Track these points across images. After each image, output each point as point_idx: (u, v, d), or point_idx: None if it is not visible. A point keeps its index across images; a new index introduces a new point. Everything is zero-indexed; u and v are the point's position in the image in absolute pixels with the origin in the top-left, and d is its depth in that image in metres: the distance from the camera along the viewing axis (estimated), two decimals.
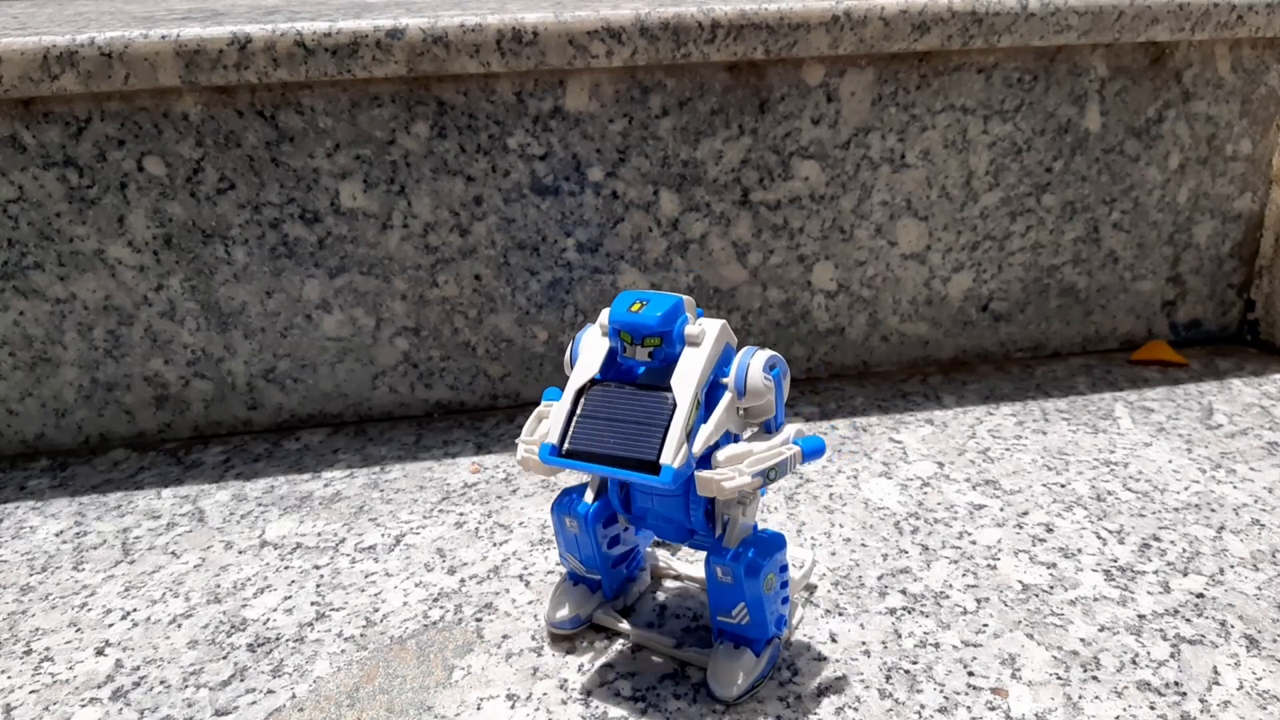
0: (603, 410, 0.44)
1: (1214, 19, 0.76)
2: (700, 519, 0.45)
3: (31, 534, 0.64)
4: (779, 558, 0.45)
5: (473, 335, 0.76)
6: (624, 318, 0.43)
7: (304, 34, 0.65)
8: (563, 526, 0.49)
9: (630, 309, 0.43)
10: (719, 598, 0.45)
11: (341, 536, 0.62)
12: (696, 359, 0.43)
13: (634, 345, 0.43)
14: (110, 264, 0.70)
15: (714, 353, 0.43)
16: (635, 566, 0.53)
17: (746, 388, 0.43)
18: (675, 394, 0.42)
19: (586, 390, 0.44)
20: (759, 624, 0.46)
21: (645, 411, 0.42)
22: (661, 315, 0.43)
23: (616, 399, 0.44)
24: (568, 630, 0.51)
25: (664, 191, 0.75)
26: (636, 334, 0.43)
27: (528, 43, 0.67)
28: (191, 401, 0.75)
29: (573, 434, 0.43)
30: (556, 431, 0.44)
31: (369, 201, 0.71)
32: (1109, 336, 0.88)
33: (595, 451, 0.42)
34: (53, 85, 0.64)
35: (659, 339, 0.43)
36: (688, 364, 0.43)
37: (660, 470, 0.41)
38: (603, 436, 0.43)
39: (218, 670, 0.50)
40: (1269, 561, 0.57)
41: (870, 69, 0.74)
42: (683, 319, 0.43)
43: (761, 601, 0.45)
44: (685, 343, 0.43)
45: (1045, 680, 0.48)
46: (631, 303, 0.43)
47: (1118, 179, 0.82)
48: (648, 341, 0.43)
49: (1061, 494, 0.64)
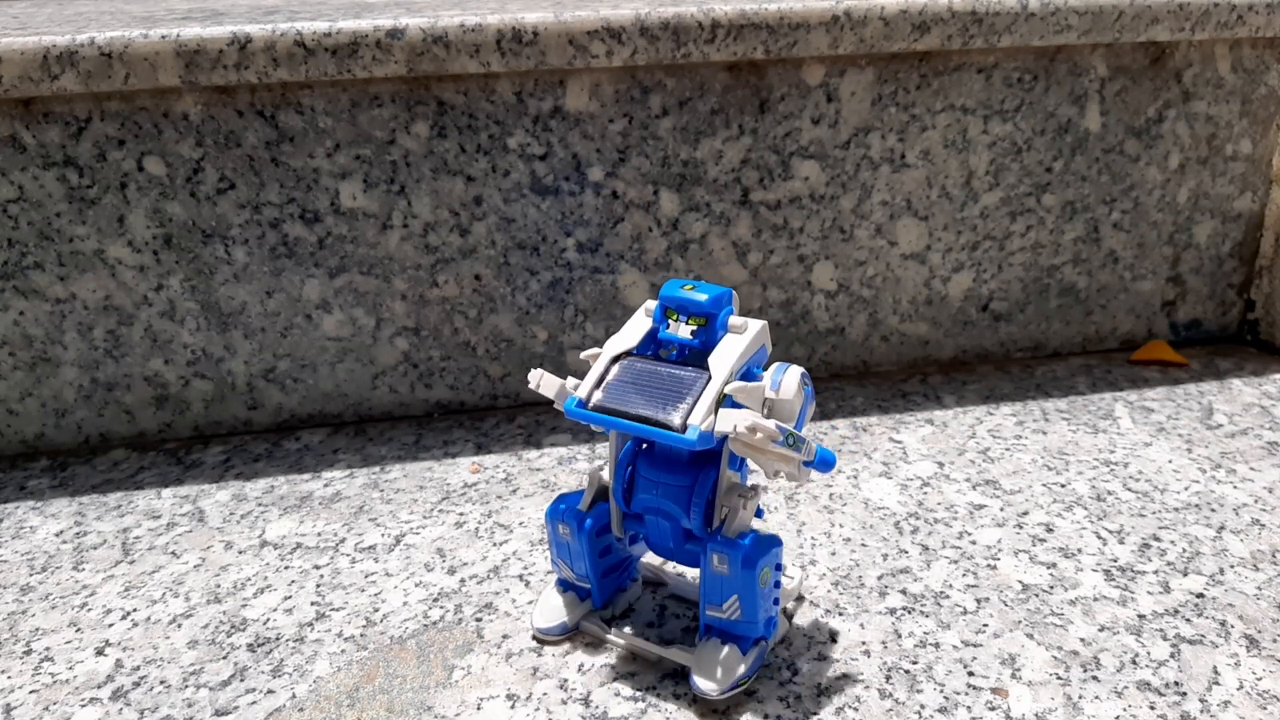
0: (635, 377, 0.44)
1: (1214, 19, 0.76)
2: (699, 515, 0.45)
3: (31, 534, 0.64)
4: (776, 554, 0.45)
5: (473, 335, 0.76)
6: (676, 294, 0.45)
7: (304, 34, 0.65)
8: (556, 533, 0.49)
9: (683, 289, 0.45)
10: (711, 589, 0.45)
11: (341, 536, 0.62)
12: (736, 344, 0.44)
13: (679, 321, 0.44)
14: (110, 264, 0.70)
15: (753, 345, 0.45)
16: (627, 578, 0.53)
17: (783, 384, 0.44)
18: (712, 369, 0.43)
19: (621, 359, 0.45)
20: (750, 620, 0.45)
21: (677, 382, 0.43)
22: (711, 298, 0.44)
23: (650, 369, 0.45)
24: (554, 637, 0.51)
25: (664, 191, 0.75)
26: (685, 310, 0.44)
27: (528, 43, 0.67)
28: (191, 401, 0.75)
29: (602, 392, 0.44)
30: (586, 387, 0.44)
31: (369, 201, 0.71)
32: (1109, 336, 0.88)
33: (623, 409, 0.43)
34: (53, 85, 0.64)
35: (704, 319, 0.44)
36: (728, 346, 0.44)
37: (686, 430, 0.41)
38: (631, 398, 0.43)
39: (218, 670, 0.50)
40: (1269, 561, 0.57)
41: (870, 69, 0.74)
42: (729, 309, 0.45)
43: (755, 595, 0.44)
44: (728, 330, 0.45)
45: (1045, 680, 0.48)
46: (684, 284, 0.45)
47: (1118, 179, 0.82)
48: (693, 320, 0.44)
49: (1061, 494, 0.64)
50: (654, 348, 0.46)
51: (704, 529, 0.46)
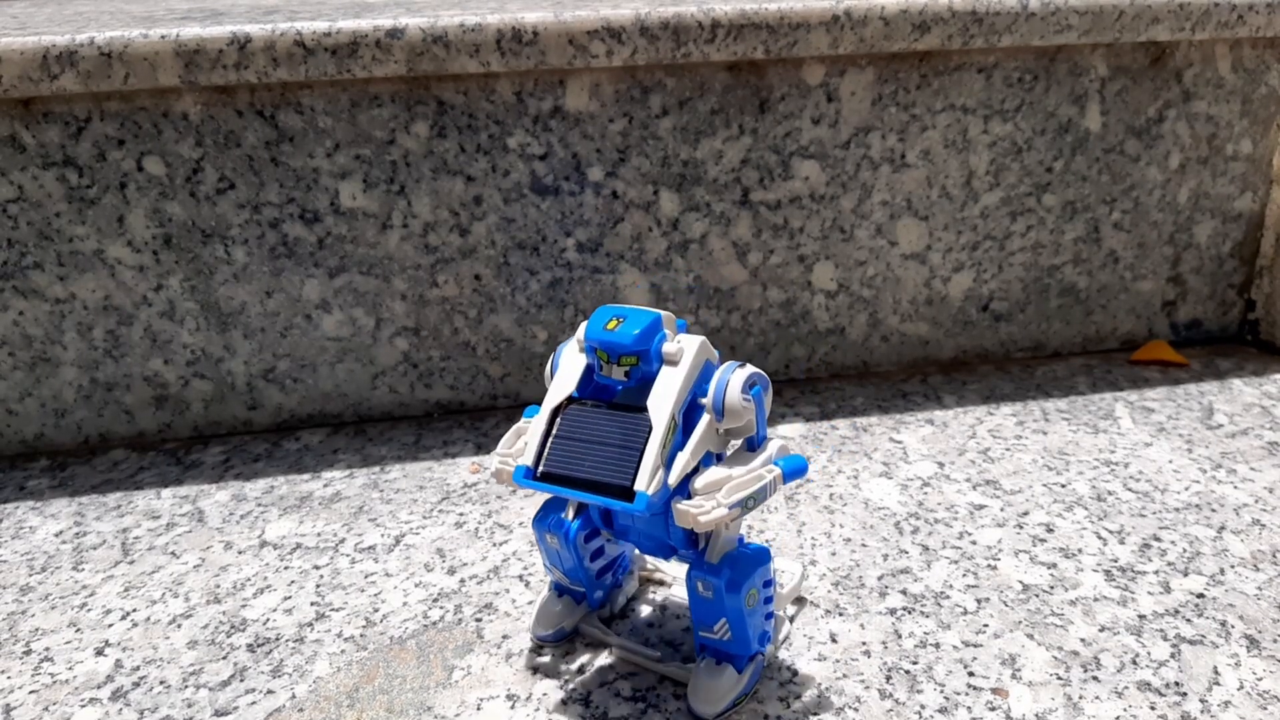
0: (579, 431, 0.42)
1: (1214, 19, 0.76)
2: (681, 537, 0.44)
3: (31, 534, 0.64)
4: (762, 573, 0.44)
5: (473, 335, 0.76)
6: (600, 335, 0.42)
7: (304, 34, 0.65)
8: (545, 541, 0.48)
9: (606, 326, 0.42)
10: (700, 612, 0.44)
11: (341, 537, 0.62)
12: (674, 379, 0.41)
13: (610, 364, 0.42)
14: (110, 264, 0.70)
15: (692, 371, 0.42)
16: (622, 571, 0.53)
17: (725, 408, 0.41)
18: (651, 416, 0.41)
19: (563, 409, 0.43)
20: (741, 640, 0.45)
21: (622, 433, 0.41)
22: (638, 334, 0.41)
23: (593, 419, 0.42)
24: (552, 643, 0.50)
25: (664, 191, 0.74)
26: (612, 352, 0.42)
27: (528, 42, 0.67)
28: (191, 401, 0.75)
29: (548, 456, 0.42)
30: (531, 452, 0.42)
31: (369, 201, 0.71)
32: (1109, 336, 0.88)
33: (570, 475, 0.41)
34: (52, 85, 0.64)
35: (635, 357, 0.41)
36: (664, 384, 0.41)
37: (634, 497, 0.39)
38: (578, 459, 0.41)
39: (217, 670, 0.50)
40: (1269, 561, 0.57)
41: (870, 69, 0.74)
42: (660, 336, 0.42)
43: (743, 617, 0.44)
44: (663, 361, 0.42)
45: (1045, 680, 0.47)
46: (608, 319, 0.42)
47: (1118, 179, 0.82)
48: (624, 360, 0.41)
49: (1062, 494, 0.64)
50: (593, 387, 0.44)
51: (688, 543, 0.45)
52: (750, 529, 0.61)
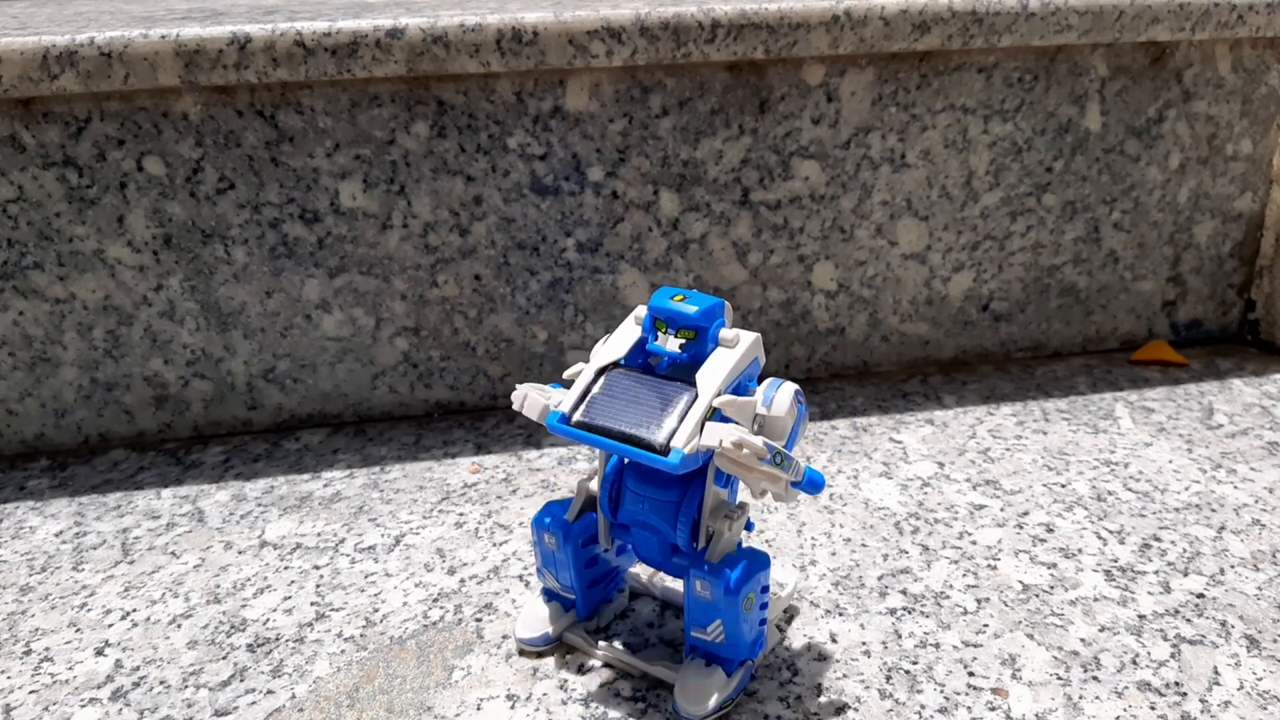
0: (621, 391, 0.43)
1: (1214, 19, 0.76)
2: (685, 531, 0.44)
3: (31, 534, 0.64)
4: (761, 577, 0.44)
5: (473, 335, 0.76)
6: (665, 305, 0.43)
7: (304, 34, 0.65)
8: (542, 542, 0.48)
9: (673, 299, 0.43)
10: (695, 612, 0.44)
11: (341, 537, 0.62)
12: (726, 359, 0.42)
13: (667, 334, 0.43)
14: (110, 264, 0.70)
15: (744, 359, 0.43)
16: (614, 588, 0.52)
17: (774, 401, 0.42)
18: (699, 386, 0.41)
19: (608, 371, 0.44)
20: (734, 643, 0.44)
21: (664, 398, 0.42)
22: (702, 310, 0.42)
23: (637, 383, 0.43)
24: (536, 648, 0.50)
25: (664, 191, 0.74)
26: (673, 323, 0.43)
27: (528, 42, 0.67)
28: (191, 401, 0.75)
29: (586, 407, 0.43)
30: (569, 402, 0.43)
31: (369, 201, 0.71)
32: (1109, 336, 0.88)
33: (606, 426, 0.42)
34: (52, 85, 0.64)
35: (694, 332, 0.42)
36: (717, 361, 0.42)
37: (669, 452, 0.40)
38: (616, 414, 0.42)
39: (217, 670, 0.50)
40: (1269, 561, 0.57)
41: (870, 69, 0.74)
42: (720, 321, 0.43)
43: (739, 620, 0.43)
44: (718, 344, 0.43)
45: (1045, 680, 0.47)
46: (675, 294, 0.43)
47: (1118, 179, 0.82)
48: (682, 333, 0.43)
49: (1062, 494, 0.64)
50: (643, 358, 0.45)
51: (690, 545, 0.45)
52: (748, 532, 0.61)
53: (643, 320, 0.45)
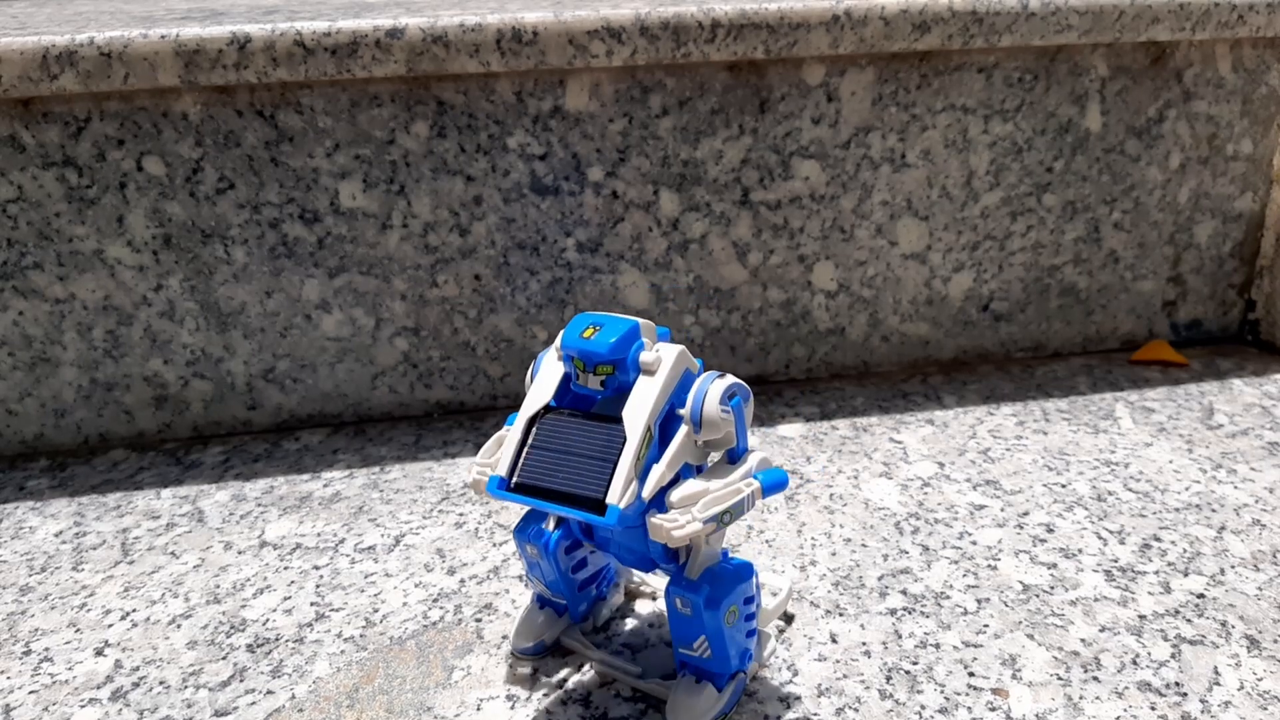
0: (554, 441, 0.41)
1: (1214, 19, 0.75)
2: (660, 550, 0.43)
3: (31, 534, 0.64)
4: (743, 589, 0.43)
5: (473, 335, 0.76)
6: (576, 343, 0.41)
7: (303, 34, 0.65)
8: (525, 552, 0.47)
9: (583, 334, 0.41)
10: (679, 629, 0.43)
11: (341, 537, 0.62)
12: (650, 389, 0.40)
13: (586, 373, 0.41)
14: (109, 264, 0.70)
15: (669, 382, 0.41)
16: (606, 584, 0.52)
17: (703, 420, 0.40)
18: (625, 427, 0.40)
19: (540, 418, 0.42)
20: (721, 658, 0.43)
21: (597, 445, 0.40)
22: (614, 342, 0.40)
23: (568, 429, 0.41)
24: (531, 656, 0.49)
25: (664, 191, 0.74)
26: (588, 361, 0.41)
27: (527, 42, 0.67)
28: (191, 401, 0.75)
29: (522, 466, 0.41)
30: (506, 463, 0.41)
31: (368, 201, 0.71)
32: (1109, 336, 0.88)
33: (544, 486, 0.40)
34: (52, 85, 0.64)
35: (611, 366, 0.40)
36: (640, 395, 0.40)
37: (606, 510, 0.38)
38: (553, 470, 0.40)
39: (217, 671, 0.50)
40: (1270, 562, 0.57)
41: (870, 68, 0.74)
42: (637, 345, 0.41)
43: (723, 635, 0.42)
44: (640, 370, 0.41)
45: (1046, 681, 0.47)
46: (585, 327, 0.41)
47: (1118, 179, 0.82)
48: (600, 369, 0.41)
49: (1062, 494, 0.64)
50: (570, 396, 0.43)
51: (667, 556, 0.44)
52: (750, 530, 0.61)
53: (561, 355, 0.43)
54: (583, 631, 0.51)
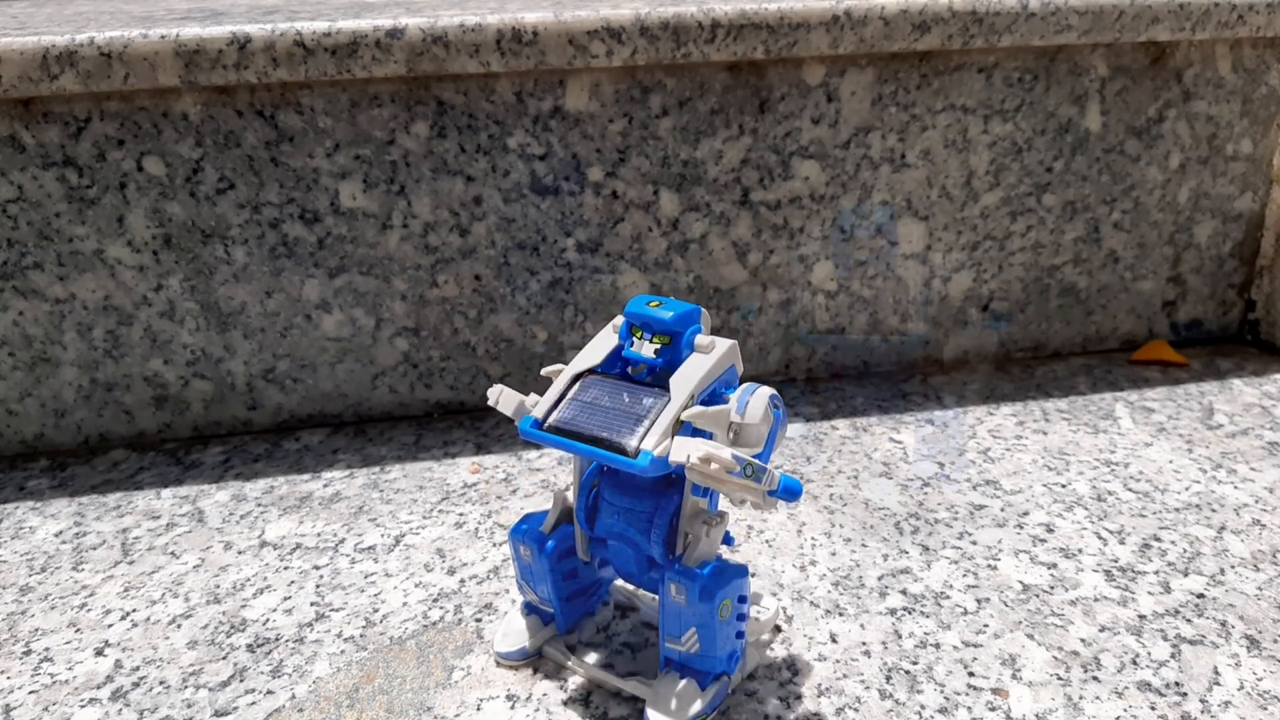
0: (594, 396, 0.43)
1: (1214, 19, 0.76)
2: (660, 541, 0.43)
3: (31, 534, 0.64)
4: (739, 585, 0.43)
5: (473, 335, 0.76)
6: (641, 310, 0.43)
7: (303, 34, 0.65)
8: (519, 554, 0.47)
9: (649, 304, 0.43)
10: (670, 620, 0.43)
11: (341, 537, 0.62)
12: (700, 364, 0.42)
13: (642, 340, 0.43)
14: (110, 264, 0.70)
15: (719, 365, 0.42)
16: (596, 601, 0.52)
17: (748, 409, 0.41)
18: (672, 390, 0.41)
19: (583, 377, 0.44)
20: (708, 654, 0.43)
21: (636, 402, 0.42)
22: (677, 316, 0.42)
23: (611, 389, 0.43)
24: (514, 661, 0.49)
25: (664, 191, 0.74)
26: (648, 328, 0.43)
27: (527, 43, 0.67)
28: (191, 402, 0.75)
29: (559, 412, 0.43)
30: (543, 407, 0.43)
31: (369, 201, 0.71)
32: (1109, 336, 0.88)
33: (576, 430, 0.42)
34: (52, 85, 0.64)
35: (669, 338, 0.42)
36: (691, 367, 0.42)
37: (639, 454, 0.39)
38: (588, 419, 0.42)
39: (217, 671, 0.50)
40: (1269, 561, 0.57)
41: (870, 69, 0.74)
42: (695, 327, 0.43)
43: (714, 629, 0.42)
44: (694, 349, 0.43)
45: (1046, 680, 0.47)
46: (651, 301, 0.43)
47: (1118, 179, 0.82)
48: (657, 338, 0.43)
49: (1062, 494, 0.64)
50: (619, 366, 0.44)
51: (665, 556, 0.44)
52: (750, 530, 0.61)
53: (620, 328, 0.45)
54: (566, 644, 0.50)
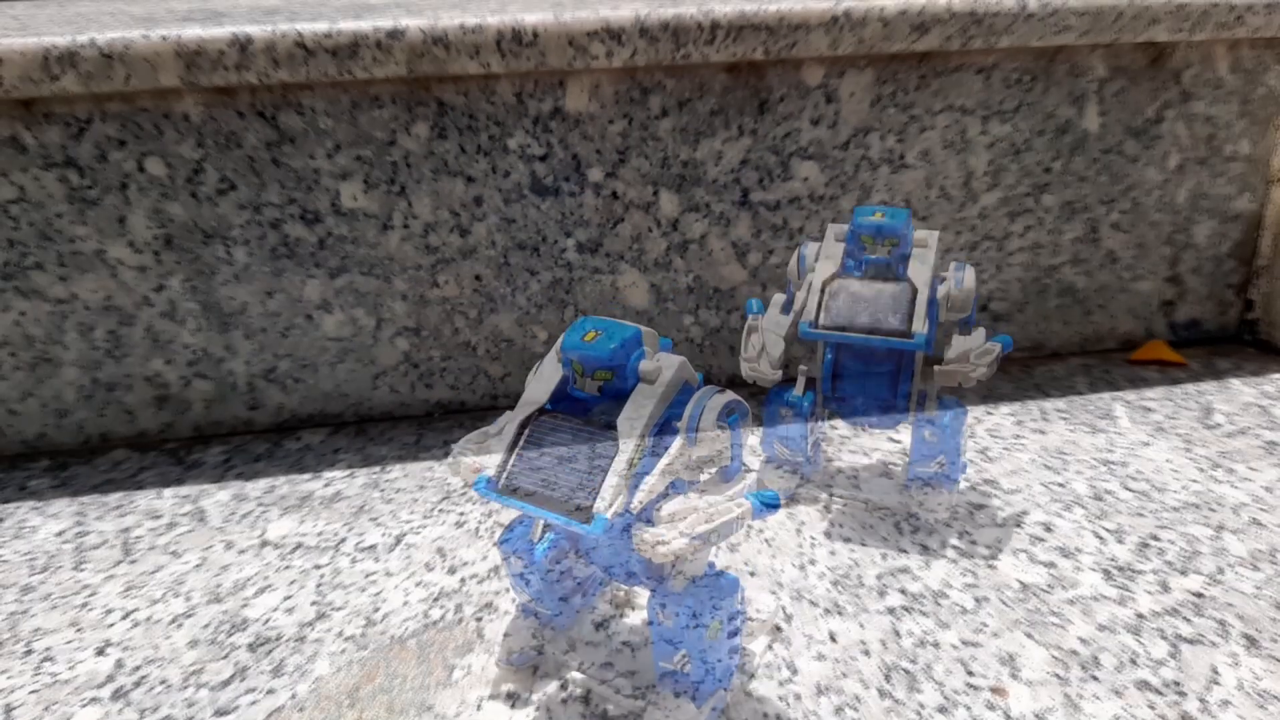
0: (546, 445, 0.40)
1: (1213, 19, 0.76)
2: (642, 563, 0.43)
3: (32, 534, 0.64)
4: (727, 605, 0.42)
5: (473, 335, 0.77)
6: (576, 347, 0.40)
7: (304, 35, 0.65)
8: (510, 563, 0.47)
9: (584, 338, 0.40)
10: (659, 642, 0.43)
11: (342, 536, 0.62)
12: (647, 399, 0.39)
13: (584, 377, 0.40)
14: (111, 264, 0.70)
15: (668, 392, 0.40)
16: (593, 593, 0.51)
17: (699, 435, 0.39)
18: (620, 436, 0.39)
19: (534, 419, 0.41)
20: (700, 674, 0.43)
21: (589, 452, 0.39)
22: (614, 348, 0.39)
23: (561, 434, 0.41)
24: (518, 665, 0.49)
25: (664, 191, 0.75)
26: (587, 365, 0.40)
27: (528, 43, 0.67)
28: (192, 401, 0.75)
29: (511, 468, 0.40)
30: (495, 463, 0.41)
31: (369, 202, 0.71)
32: (1108, 336, 0.88)
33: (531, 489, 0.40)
34: (53, 86, 0.64)
35: (610, 373, 0.40)
36: (636, 404, 0.39)
37: (593, 520, 0.37)
38: (541, 475, 0.40)
39: (218, 670, 0.50)
40: (1268, 561, 0.57)
41: (870, 69, 0.74)
42: (638, 354, 0.40)
43: (704, 650, 0.42)
44: (639, 379, 0.40)
45: (1044, 679, 0.48)
46: (587, 331, 0.40)
47: (1117, 179, 0.82)
48: (598, 374, 0.40)
49: (1060, 493, 0.65)
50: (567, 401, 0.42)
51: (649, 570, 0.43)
52: (750, 530, 0.61)
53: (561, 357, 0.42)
54: (568, 642, 0.50)
